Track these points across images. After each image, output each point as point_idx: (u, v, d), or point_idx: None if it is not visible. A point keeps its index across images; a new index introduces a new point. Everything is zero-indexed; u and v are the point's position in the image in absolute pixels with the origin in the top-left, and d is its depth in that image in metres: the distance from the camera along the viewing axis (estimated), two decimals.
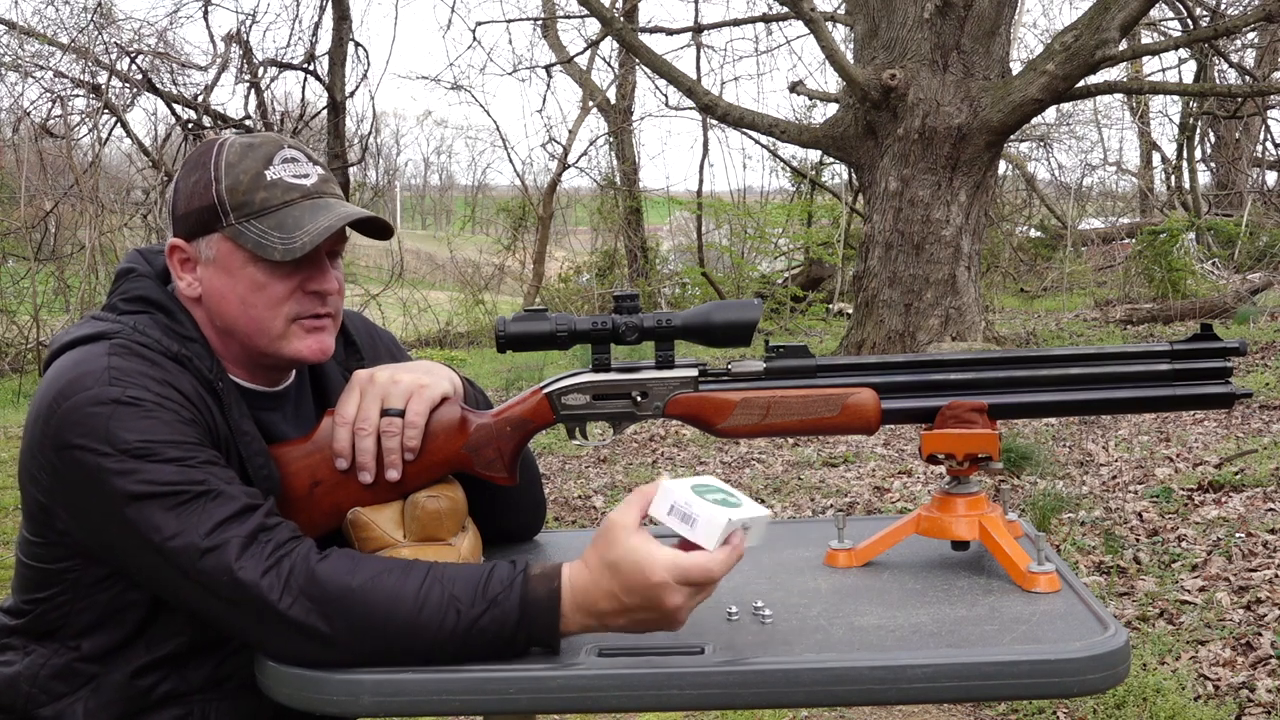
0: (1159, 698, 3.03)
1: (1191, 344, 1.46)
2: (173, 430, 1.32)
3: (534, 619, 1.26)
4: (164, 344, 1.39)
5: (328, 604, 1.25)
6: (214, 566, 1.26)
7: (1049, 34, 15.46)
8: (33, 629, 1.42)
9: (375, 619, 1.25)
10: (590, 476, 5.98)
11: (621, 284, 14.57)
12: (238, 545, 1.27)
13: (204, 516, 1.28)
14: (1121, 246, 15.34)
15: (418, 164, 42.00)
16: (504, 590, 1.27)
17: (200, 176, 1.42)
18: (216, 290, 1.44)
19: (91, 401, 1.30)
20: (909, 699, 1.24)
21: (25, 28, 11.48)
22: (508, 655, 1.27)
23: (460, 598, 1.26)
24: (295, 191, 1.42)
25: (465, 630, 1.25)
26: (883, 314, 8.34)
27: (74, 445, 1.29)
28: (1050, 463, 5.42)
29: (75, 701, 1.39)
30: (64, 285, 11.74)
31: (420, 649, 1.26)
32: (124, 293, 1.46)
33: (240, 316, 1.44)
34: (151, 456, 1.29)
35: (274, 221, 1.40)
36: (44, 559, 1.40)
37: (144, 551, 1.29)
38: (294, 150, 1.45)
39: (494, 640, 1.26)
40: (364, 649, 1.26)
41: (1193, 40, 10.88)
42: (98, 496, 1.30)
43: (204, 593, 1.28)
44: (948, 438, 1.44)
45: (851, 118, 8.62)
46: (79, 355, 1.36)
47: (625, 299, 1.47)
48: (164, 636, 1.40)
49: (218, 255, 1.43)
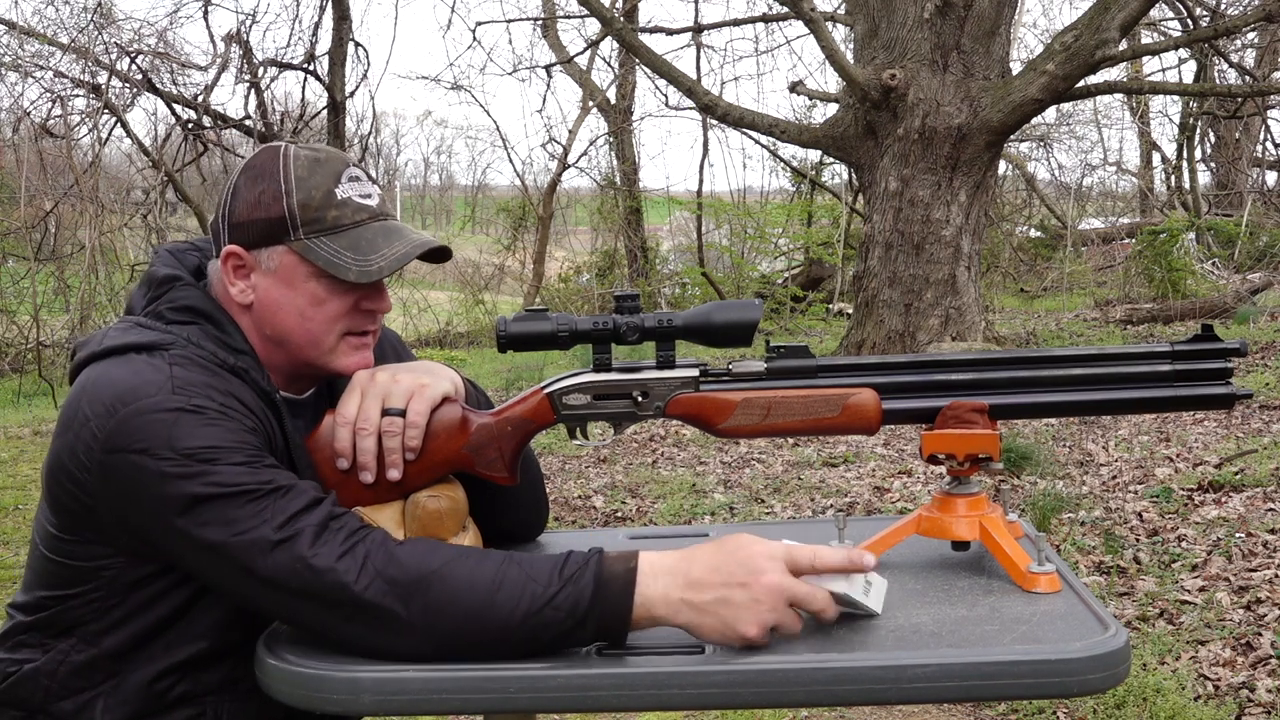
0: (1159, 698, 3.03)
1: (1192, 344, 1.46)
2: (238, 437, 1.32)
3: (607, 597, 1.24)
4: (220, 356, 1.40)
5: (406, 585, 1.24)
6: (286, 558, 1.25)
7: (1049, 34, 15.48)
8: (54, 624, 1.42)
9: (453, 599, 1.24)
10: (590, 476, 5.99)
11: (621, 284, 14.57)
12: (310, 534, 1.26)
13: (276, 510, 1.27)
14: (1121, 246, 15.35)
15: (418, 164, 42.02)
16: (579, 569, 1.25)
17: (268, 187, 1.42)
18: (273, 300, 1.44)
19: (154, 409, 1.30)
20: (909, 699, 1.23)
21: (25, 28, 11.49)
22: (577, 642, 1.25)
23: (537, 578, 1.25)
24: (364, 212, 1.44)
25: (539, 610, 1.23)
26: (883, 314, 8.34)
27: (131, 450, 1.29)
28: (1050, 463, 5.42)
29: (95, 697, 1.40)
30: (64, 285, 11.76)
31: (494, 632, 1.24)
32: (171, 301, 1.45)
33: (296, 329, 1.45)
34: (218, 460, 1.29)
35: (347, 241, 1.42)
36: (77, 556, 1.39)
37: (203, 552, 1.28)
38: (357, 170, 1.47)
39: (566, 621, 1.23)
40: (437, 633, 1.24)
41: (1193, 40, 10.88)
42: (157, 498, 1.28)
43: (270, 589, 1.27)
44: (948, 438, 1.44)
45: (851, 118, 8.62)
46: (138, 364, 1.35)
47: (626, 299, 1.47)
48: (184, 640, 1.40)
49: (280, 267, 1.43)
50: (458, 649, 1.25)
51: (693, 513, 5.14)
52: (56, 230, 12.11)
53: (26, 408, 9.73)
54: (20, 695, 1.42)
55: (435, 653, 1.25)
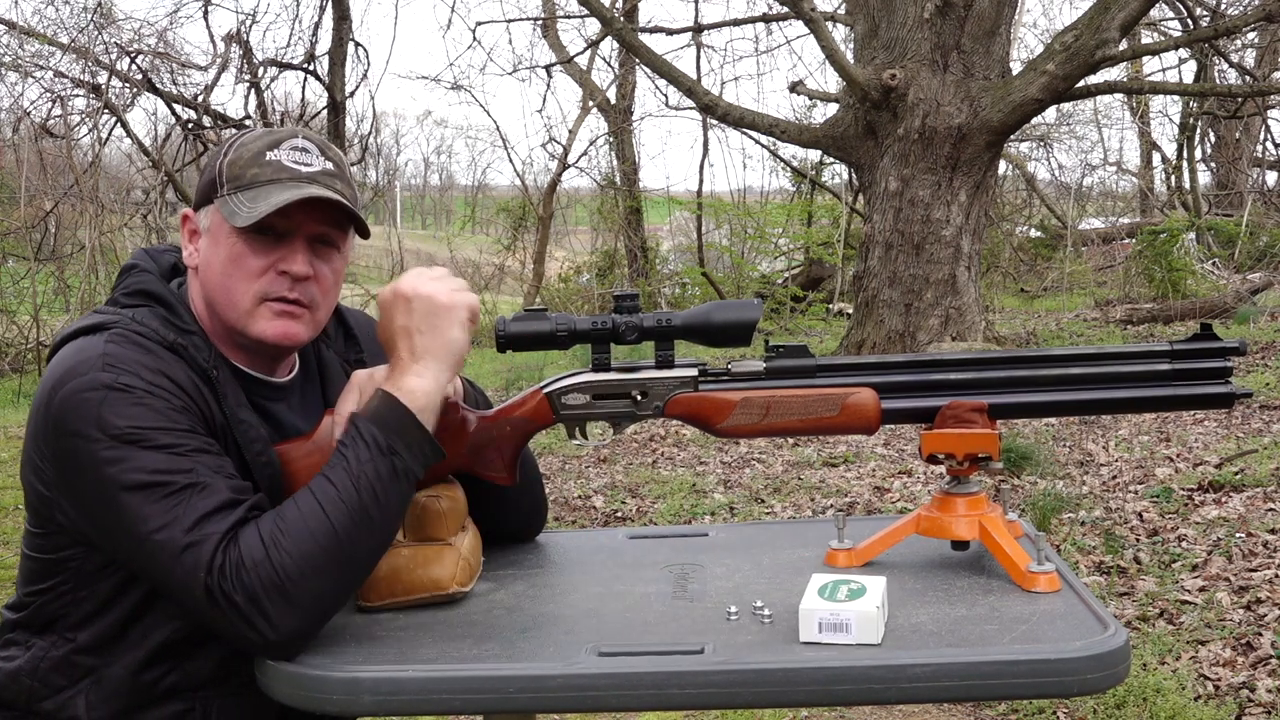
0: (1159, 698, 3.03)
1: (1191, 344, 1.46)
2: (163, 417, 1.33)
3: (382, 414, 1.36)
4: (161, 333, 1.41)
5: (263, 567, 1.28)
6: (192, 563, 1.27)
7: (1049, 34, 15.47)
8: (34, 621, 1.43)
9: (303, 538, 1.29)
10: (590, 476, 5.98)
11: (621, 284, 14.57)
12: (214, 543, 1.28)
13: (188, 510, 1.29)
14: (1121, 246, 15.34)
15: (418, 164, 42.04)
16: (351, 432, 1.35)
17: (216, 151, 1.50)
18: (206, 260, 1.48)
19: (85, 387, 1.32)
20: (909, 699, 1.24)
21: (25, 28, 11.48)
22: (412, 476, 1.36)
23: (333, 465, 1.33)
24: (286, 173, 1.45)
25: (359, 478, 1.31)
26: (883, 314, 8.34)
27: (70, 432, 1.32)
28: (1050, 463, 5.42)
29: (76, 695, 1.40)
30: (64, 285, 11.75)
31: (351, 523, 1.30)
32: (126, 287, 1.48)
33: (218, 287, 1.47)
34: (141, 443, 1.30)
35: (253, 194, 1.44)
36: (46, 549, 1.41)
37: (132, 542, 1.30)
38: (308, 141, 1.49)
39: (383, 460, 1.33)
40: (313, 569, 1.28)
41: (1193, 40, 10.87)
42: (93, 483, 1.31)
43: (184, 588, 1.29)
44: (948, 438, 1.44)
45: (851, 118, 8.62)
46: (78, 345, 1.39)
47: (625, 299, 1.47)
48: (155, 626, 1.41)
49: (210, 225, 1.48)
50: (346, 574, 1.32)
51: (693, 513, 5.14)
52: (56, 230, 12.11)
53: (26, 408, 9.72)
54: (6, 697, 1.43)
55: (341, 582, 1.32)
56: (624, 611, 1.43)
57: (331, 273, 1.51)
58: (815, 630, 1.27)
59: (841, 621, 1.26)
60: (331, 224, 1.48)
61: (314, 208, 1.45)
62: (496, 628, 1.38)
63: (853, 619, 1.26)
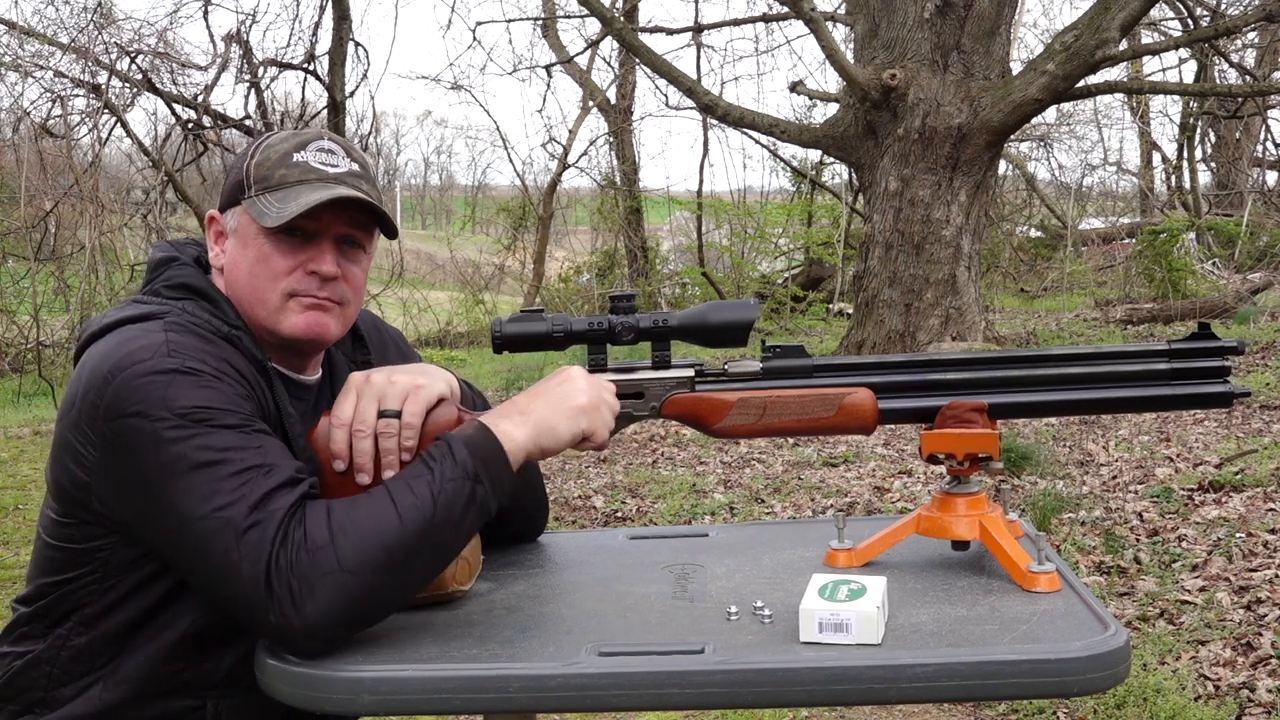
0: (1159, 698, 3.03)
1: (1190, 343, 1.46)
2: (230, 400, 1.34)
3: (476, 445, 1.35)
4: (215, 325, 1.43)
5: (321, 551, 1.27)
6: (257, 539, 1.26)
7: (1049, 34, 15.46)
8: (53, 610, 1.43)
9: (370, 535, 1.28)
10: (590, 476, 5.98)
11: (621, 284, 14.57)
12: (279, 519, 1.28)
13: (254, 488, 1.29)
14: (1121, 246, 15.34)
15: (418, 164, 42.10)
16: (444, 447, 1.35)
17: (242, 153, 1.50)
18: (234, 261, 1.49)
19: (150, 371, 1.32)
20: (909, 699, 1.23)
21: (25, 28, 11.47)
22: (482, 504, 1.34)
23: (418, 474, 1.33)
24: (314, 174, 1.47)
25: (440, 489, 1.31)
26: (883, 314, 8.34)
27: (130, 414, 1.31)
28: (1050, 463, 5.42)
29: (94, 682, 1.41)
30: (64, 285, 11.75)
31: (418, 534, 1.29)
32: (167, 279, 1.48)
33: (246, 287, 1.48)
34: (210, 421, 1.31)
35: (281, 195, 1.45)
36: (74, 539, 1.40)
37: (183, 523, 1.28)
38: (333, 143, 1.50)
39: (465, 483, 1.33)
40: (377, 574, 1.28)
41: (1193, 40, 10.88)
42: (150, 464, 1.30)
43: (237, 567, 1.26)
44: (948, 438, 1.44)
45: (851, 118, 8.62)
46: (130, 333, 1.38)
47: (621, 299, 1.47)
48: (176, 618, 1.41)
49: (238, 226, 1.48)
50: (402, 577, 1.30)
51: (693, 513, 5.14)
52: (56, 230, 12.11)
53: (26, 408, 9.74)
54: (21, 686, 1.43)
55: (391, 591, 1.30)
56: (624, 611, 1.43)
57: (360, 272, 1.53)
58: (815, 630, 1.27)
59: (842, 621, 1.26)
60: (358, 225, 1.50)
61: (342, 208, 1.46)
62: (496, 628, 1.38)
63: (853, 619, 1.26)
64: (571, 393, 1.42)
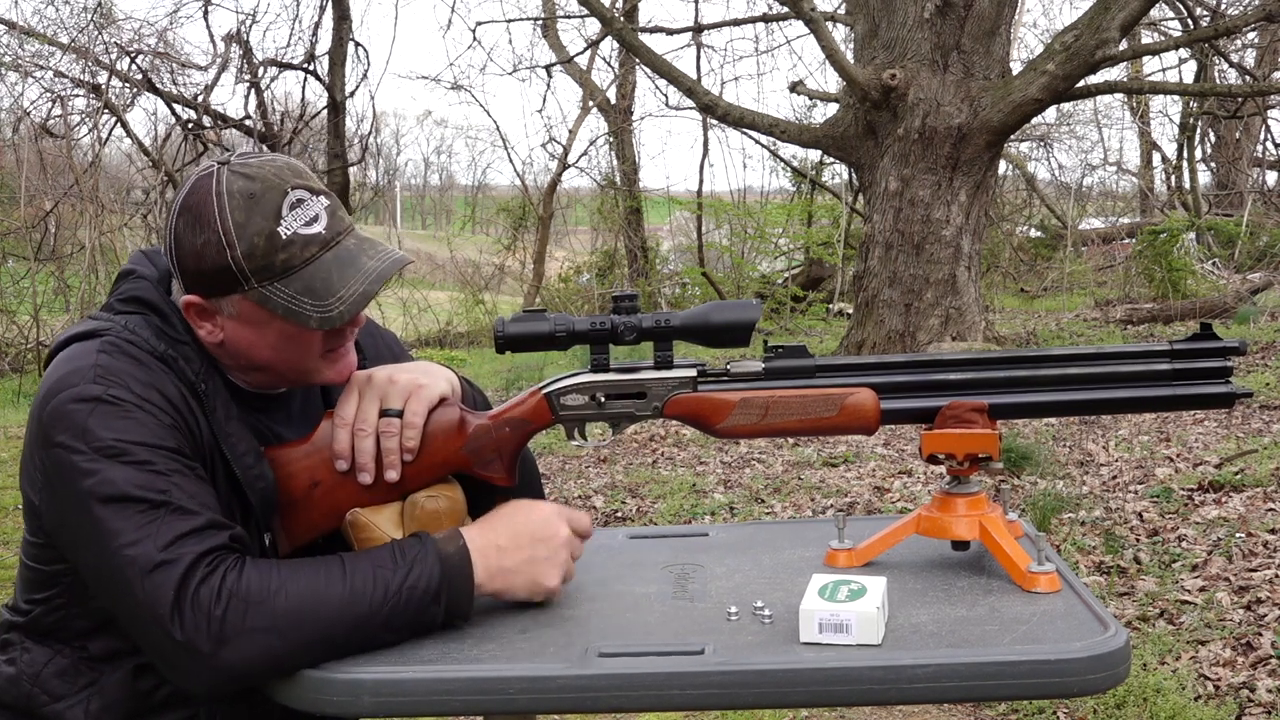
0: (1159, 698, 3.03)
1: (1191, 343, 1.46)
2: (149, 433, 1.32)
3: (451, 570, 1.35)
4: (152, 344, 1.39)
5: (265, 618, 1.26)
6: (161, 581, 1.25)
7: (1049, 34, 15.46)
8: (34, 628, 1.43)
9: (309, 607, 1.27)
10: (590, 476, 5.98)
11: (621, 284, 14.57)
12: (187, 563, 1.25)
13: (164, 528, 1.27)
14: (1121, 246, 15.34)
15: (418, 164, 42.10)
16: (419, 550, 1.35)
17: (209, 238, 1.35)
18: (244, 339, 1.42)
19: (75, 398, 1.31)
20: (909, 699, 1.23)
21: (25, 28, 11.49)
22: (429, 620, 1.33)
23: (384, 564, 1.32)
24: (313, 245, 1.37)
25: (397, 591, 1.31)
26: (883, 314, 8.34)
27: (55, 443, 1.31)
28: (1050, 463, 5.41)
29: (76, 704, 1.39)
30: (64, 285, 11.74)
31: (356, 622, 1.29)
32: (121, 293, 1.46)
33: (274, 359, 1.44)
34: (121, 457, 1.29)
35: (301, 284, 1.36)
36: (41, 560, 1.41)
37: (99, 556, 1.28)
38: (298, 191, 1.37)
39: (423, 599, 1.32)
40: (304, 642, 1.27)
41: (1193, 40, 10.87)
42: (71, 494, 1.30)
43: (145, 606, 1.25)
44: (948, 438, 1.44)
45: (851, 118, 8.62)
46: (71, 353, 1.38)
47: (624, 299, 1.47)
48: None
49: (241, 312, 1.40)
50: (329, 650, 1.29)
51: (693, 513, 5.14)
52: (56, 230, 12.11)
53: (26, 408, 9.72)
54: (5, 700, 1.42)
55: (310, 659, 1.28)
56: (624, 612, 1.43)
57: None
58: (815, 631, 1.27)
59: (842, 622, 1.26)
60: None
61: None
62: (496, 628, 1.38)
63: (853, 619, 1.26)
64: (548, 570, 1.42)
